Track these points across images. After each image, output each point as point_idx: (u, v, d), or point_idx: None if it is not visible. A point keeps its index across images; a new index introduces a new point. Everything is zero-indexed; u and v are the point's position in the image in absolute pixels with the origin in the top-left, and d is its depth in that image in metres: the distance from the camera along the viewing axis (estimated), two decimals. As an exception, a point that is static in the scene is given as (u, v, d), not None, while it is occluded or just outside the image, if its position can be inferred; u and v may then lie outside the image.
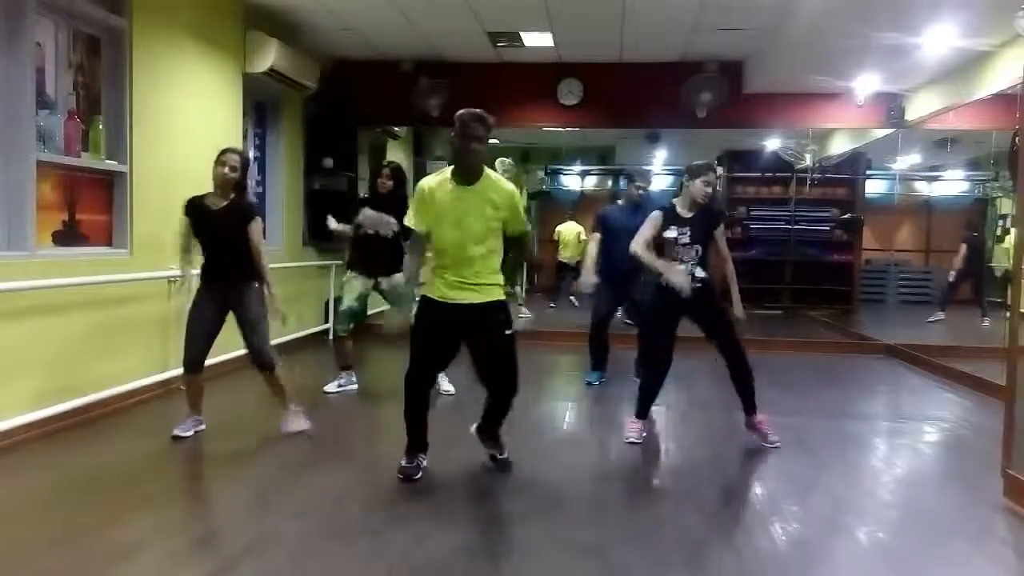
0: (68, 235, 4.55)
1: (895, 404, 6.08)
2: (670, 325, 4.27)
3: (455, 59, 7.98)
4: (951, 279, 10.04)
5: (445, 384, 5.33)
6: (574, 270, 11.09)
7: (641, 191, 5.69)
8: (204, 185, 4.11)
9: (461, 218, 3.40)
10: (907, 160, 11.51)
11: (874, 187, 12.47)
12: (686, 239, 4.16)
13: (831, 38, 5.99)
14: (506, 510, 3.30)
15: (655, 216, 4.25)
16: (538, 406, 5.19)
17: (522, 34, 7.12)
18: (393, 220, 5.10)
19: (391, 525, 3.03)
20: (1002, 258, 9.63)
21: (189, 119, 5.54)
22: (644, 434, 4.34)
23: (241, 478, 3.72)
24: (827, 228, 11.98)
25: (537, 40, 7.25)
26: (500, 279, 3.55)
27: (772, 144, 10.90)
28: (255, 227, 4.15)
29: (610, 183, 14.21)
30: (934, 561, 2.92)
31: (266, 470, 3.89)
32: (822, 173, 11.37)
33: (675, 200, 4.32)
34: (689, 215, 4.20)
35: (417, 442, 3.60)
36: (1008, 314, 8.61)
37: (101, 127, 4.74)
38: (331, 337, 7.87)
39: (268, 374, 4.24)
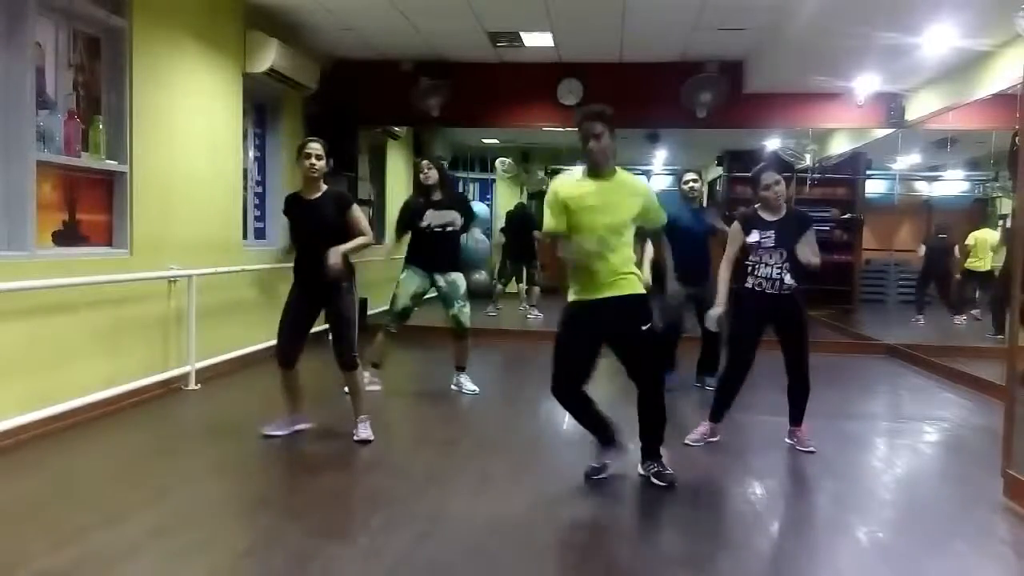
0: (68, 235, 4.54)
1: (895, 404, 6.08)
2: (755, 329, 4.18)
3: (455, 59, 7.97)
4: (917, 281, 10.46)
5: (469, 384, 5.33)
6: None
7: (693, 183, 5.63)
8: (205, 185, 4.12)
9: (612, 212, 3.44)
10: (907, 160, 11.49)
11: (874, 187, 12.46)
12: (771, 243, 4.10)
13: (831, 38, 5.98)
14: (506, 510, 3.30)
15: (734, 228, 4.24)
16: (538, 406, 5.18)
17: (522, 34, 7.12)
18: (457, 215, 5.26)
19: (391, 525, 3.03)
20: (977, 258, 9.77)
21: (189, 119, 5.54)
22: (709, 439, 4.26)
23: (241, 478, 3.73)
24: (827, 228, 11.96)
25: (537, 40, 7.25)
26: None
27: (772, 144, 10.89)
28: (356, 211, 4.07)
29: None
30: (934, 561, 2.92)
31: (266, 470, 3.90)
32: (822, 173, 11.36)
33: (757, 205, 4.27)
34: (773, 219, 4.16)
35: (602, 438, 3.58)
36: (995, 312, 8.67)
37: (101, 127, 4.74)
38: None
39: (346, 375, 4.18)
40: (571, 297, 3.54)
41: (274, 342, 4.25)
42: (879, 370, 7.14)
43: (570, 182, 3.52)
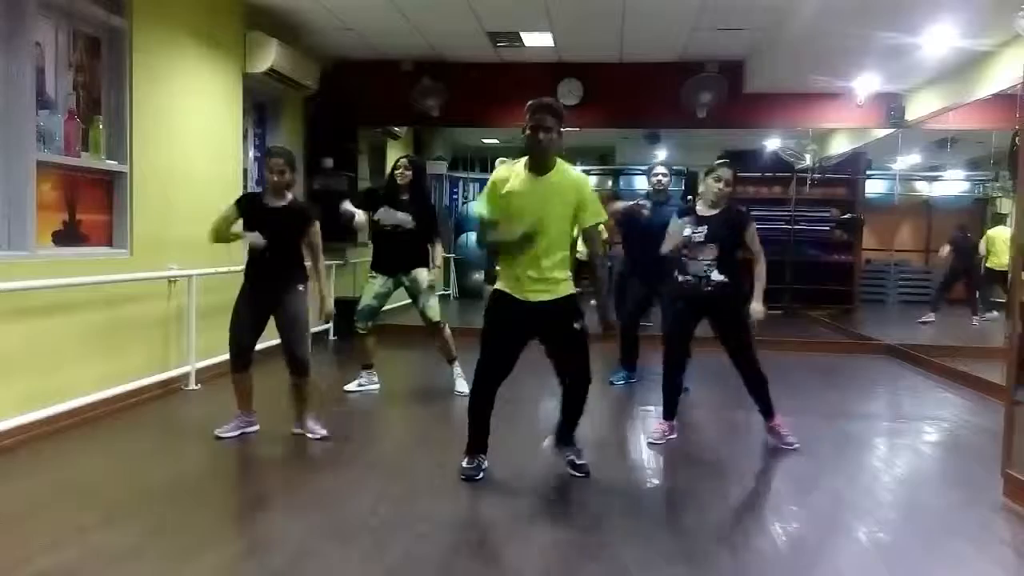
0: (68, 235, 4.55)
1: (895, 404, 6.08)
2: (687, 324, 4.24)
3: (455, 59, 7.98)
4: (942, 280, 10.29)
5: (461, 384, 5.33)
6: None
7: (659, 179, 5.64)
8: (205, 185, 4.13)
9: (537, 210, 3.39)
10: (907, 160, 11.51)
11: (874, 187, 12.46)
12: (700, 237, 4.13)
13: (831, 38, 5.99)
14: (506, 510, 3.30)
15: (673, 221, 4.28)
16: (539, 405, 5.18)
17: (522, 34, 7.12)
18: (409, 216, 5.18)
19: (391, 525, 3.03)
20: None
21: (189, 119, 5.54)
22: (669, 436, 4.31)
23: (241, 478, 3.73)
24: (827, 228, 11.98)
25: (537, 40, 7.25)
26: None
27: (772, 144, 10.90)
28: (316, 230, 4.16)
29: (610, 183, 14.23)
30: (934, 561, 2.92)
31: (266, 470, 3.90)
32: (822, 173, 11.36)
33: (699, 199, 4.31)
34: (708, 214, 4.18)
35: (479, 443, 3.63)
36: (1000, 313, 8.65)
37: (101, 127, 4.74)
38: (331, 337, 7.91)
39: (300, 380, 4.19)
40: (499, 286, 3.51)
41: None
42: (879, 370, 7.14)
43: (507, 170, 3.50)
